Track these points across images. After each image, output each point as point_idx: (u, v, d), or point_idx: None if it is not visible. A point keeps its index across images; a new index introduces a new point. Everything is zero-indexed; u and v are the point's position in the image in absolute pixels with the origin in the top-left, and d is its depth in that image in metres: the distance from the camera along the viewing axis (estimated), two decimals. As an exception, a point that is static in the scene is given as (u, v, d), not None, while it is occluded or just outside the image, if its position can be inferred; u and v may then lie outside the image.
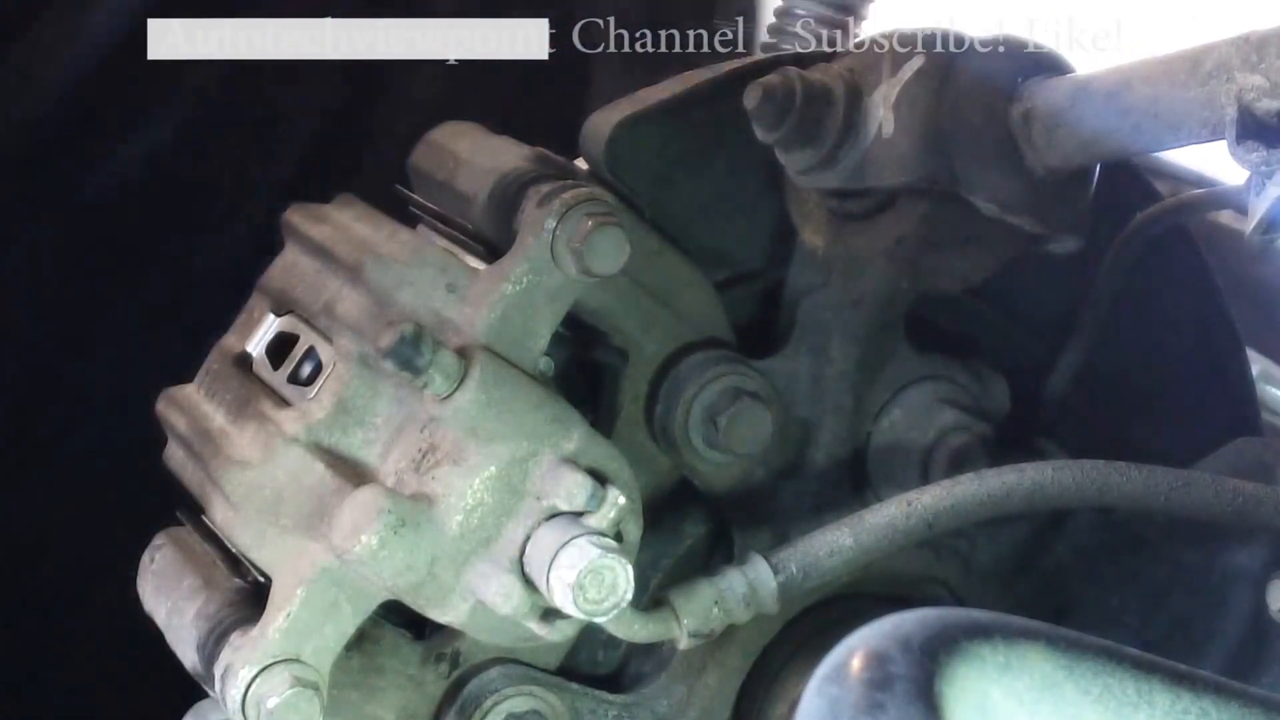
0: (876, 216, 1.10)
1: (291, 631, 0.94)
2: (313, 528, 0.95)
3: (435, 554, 0.93)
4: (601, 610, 0.91)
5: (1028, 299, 1.24)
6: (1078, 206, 1.04)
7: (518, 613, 0.94)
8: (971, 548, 1.21)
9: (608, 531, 0.93)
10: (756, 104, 1.03)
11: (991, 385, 1.19)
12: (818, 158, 1.05)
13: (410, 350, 0.90)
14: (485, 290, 0.96)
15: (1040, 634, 0.61)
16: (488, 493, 0.93)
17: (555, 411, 0.96)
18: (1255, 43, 0.82)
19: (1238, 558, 1.10)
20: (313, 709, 0.93)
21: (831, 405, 1.14)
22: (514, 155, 1.06)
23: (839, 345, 1.12)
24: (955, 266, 1.10)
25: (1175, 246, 1.26)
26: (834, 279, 1.12)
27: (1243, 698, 0.63)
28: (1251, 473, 1.06)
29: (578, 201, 0.96)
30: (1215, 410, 1.32)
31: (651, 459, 1.11)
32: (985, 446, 1.16)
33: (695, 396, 1.08)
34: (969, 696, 0.58)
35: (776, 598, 1.01)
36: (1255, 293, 1.58)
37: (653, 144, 1.09)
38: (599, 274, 0.96)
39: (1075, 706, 0.60)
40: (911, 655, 0.57)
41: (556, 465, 0.94)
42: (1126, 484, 0.99)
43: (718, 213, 1.13)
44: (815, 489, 1.15)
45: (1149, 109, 0.90)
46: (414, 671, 1.07)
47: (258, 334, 1.10)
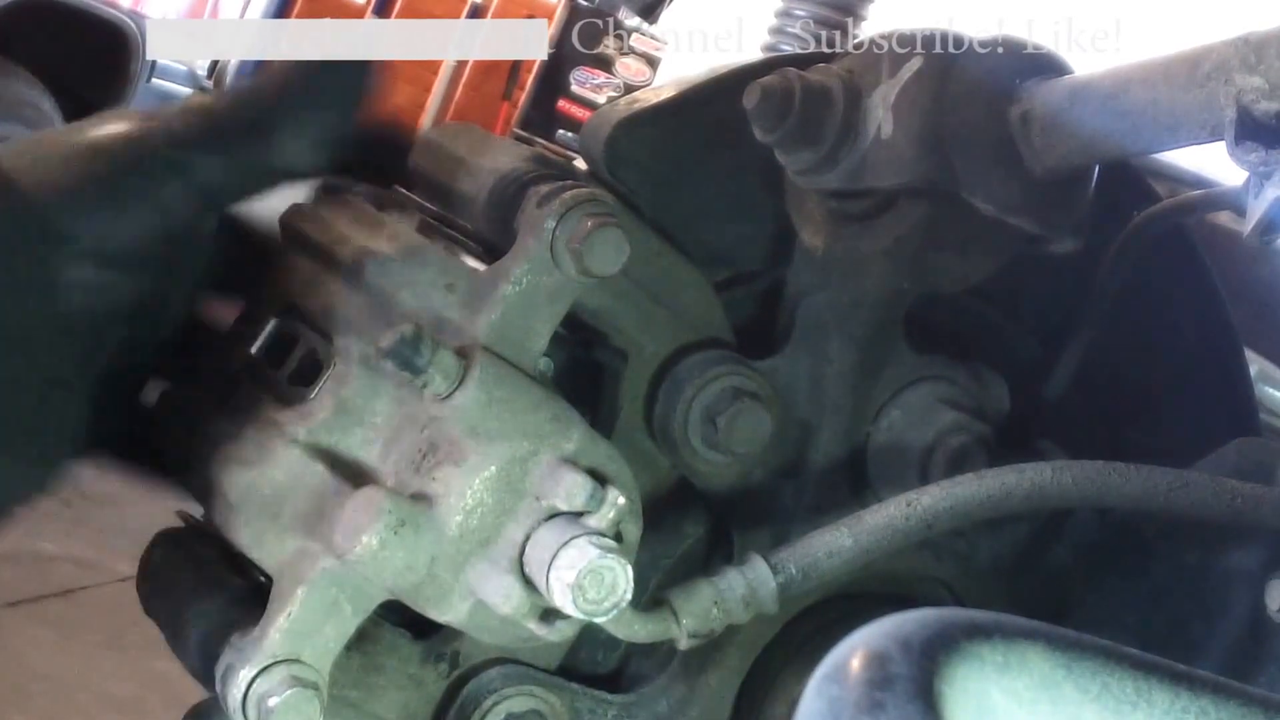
0: (876, 217, 1.10)
1: (291, 632, 0.94)
2: (313, 528, 0.95)
3: (435, 554, 0.93)
4: (601, 610, 0.91)
5: (1027, 299, 1.25)
6: (1077, 207, 1.04)
7: (517, 613, 0.94)
8: (971, 548, 1.21)
9: (607, 532, 0.93)
10: (756, 104, 1.03)
11: (991, 386, 1.20)
12: (817, 158, 1.05)
13: (410, 350, 0.90)
14: (485, 291, 0.97)
15: (1039, 634, 0.61)
16: (487, 493, 0.93)
17: (555, 411, 0.96)
18: (1254, 44, 0.83)
19: (1236, 558, 1.10)
20: (313, 709, 0.93)
21: (831, 406, 1.14)
22: (513, 155, 1.06)
23: (838, 346, 1.13)
24: (955, 267, 1.11)
25: (1174, 247, 1.26)
26: (834, 280, 1.12)
27: (1242, 697, 0.63)
28: (1250, 473, 1.06)
29: (577, 202, 0.96)
30: (1214, 411, 1.32)
31: (651, 459, 1.11)
32: (984, 447, 1.16)
33: (695, 397, 1.08)
34: (968, 696, 0.58)
35: (776, 598, 1.01)
36: (1253, 293, 1.58)
37: (652, 144, 1.10)
38: (599, 274, 0.96)
39: (1074, 705, 0.60)
40: (911, 655, 0.57)
41: (556, 465, 0.94)
42: (1126, 484, 0.99)
43: (717, 213, 1.13)
44: (814, 489, 1.15)
45: (1148, 110, 0.90)
46: (414, 671, 1.07)
47: (258, 334, 1.10)
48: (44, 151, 0.96)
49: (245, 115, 0.99)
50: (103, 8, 4.14)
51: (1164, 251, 1.25)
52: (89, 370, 0.95)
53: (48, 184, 0.93)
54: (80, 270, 0.94)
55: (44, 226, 0.92)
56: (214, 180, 0.98)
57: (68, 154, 0.96)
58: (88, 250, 0.94)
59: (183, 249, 0.99)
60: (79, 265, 0.93)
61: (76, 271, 0.93)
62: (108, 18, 4.15)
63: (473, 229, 1.06)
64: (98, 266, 0.94)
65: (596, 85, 8.21)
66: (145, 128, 0.98)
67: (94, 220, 0.94)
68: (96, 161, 0.95)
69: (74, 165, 0.95)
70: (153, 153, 0.97)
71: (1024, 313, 1.26)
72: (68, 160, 0.95)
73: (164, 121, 0.98)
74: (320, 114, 1.00)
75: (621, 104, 1.12)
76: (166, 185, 0.96)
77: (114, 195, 0.95)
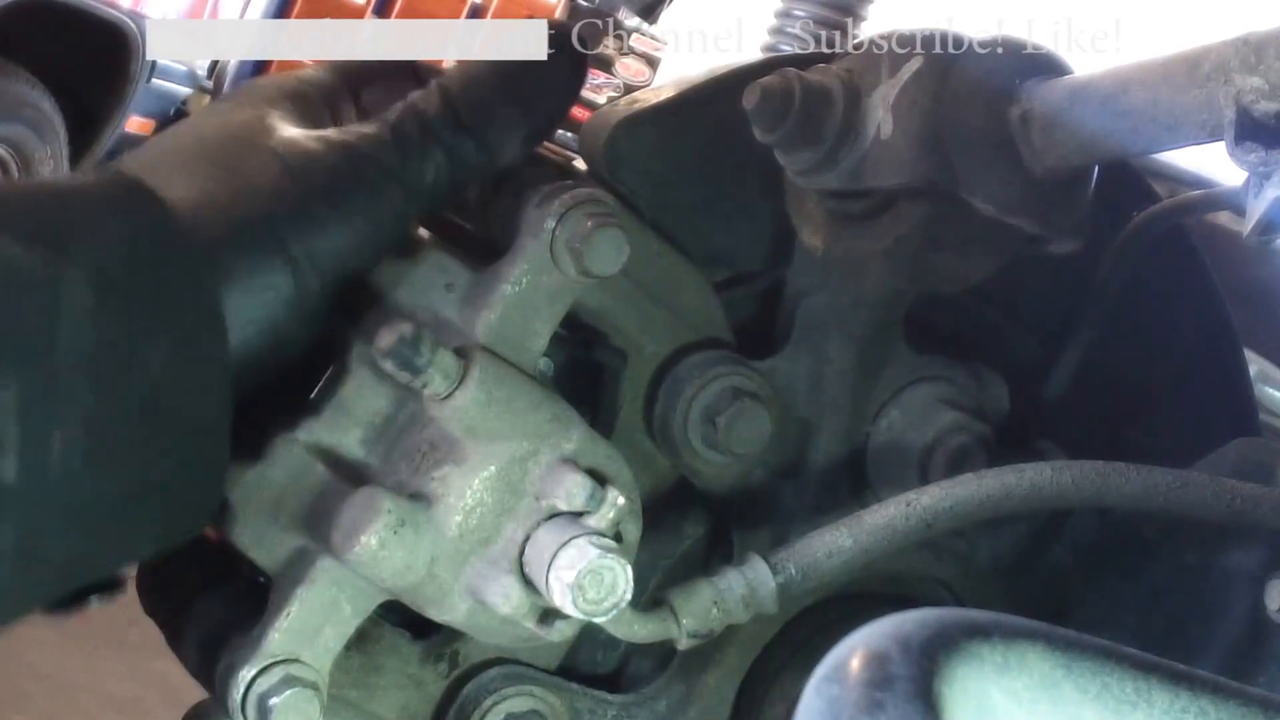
0: (876, 217, 1.10)
1: (291, 632, 0.94)
2: (312, 528, 0.95)
3: (435, 554, 0.93)
4: (601, 610, 0.91)
5: (1027, 300, 1.25)
6: (1076, 207, 1.04)
7: (517, 613, 0.94)
8: (971, 548, 1.21)
9: (607, 532, 0.93)
10: (755, 105, 1.03)
11: (991, 386, 1.20)
12: (817, 158, 1.05)
13: (409, 350, 0.90)
14: (484, 291, 0.97)
15: (1039, 633, 0.61)
16: (487, 493, 0.93)
17: (555, 411, 0.96)
18: (1254, 44, 0.82)
19: (1236, 558, 1.10)
20: (313, 709, 0.93)
21: (830, 406, 1.14)
22: None
23: (838, 346, 1.13)
24: (954, 267, 1.11)
25: (1174, 247, 1.26)
26: (833, 280, 1.12)
27: (1241, 697, 0.63)
28: (1250, 473, 1.06)
29: (577, 202, 0.96)
30: (1214, 411, 1.32)
31: (651, 459, 1.11)
32: (984, 447, 1.16)
33: (694, 397, 1.08)
34: (968, 696, 0.58)
35: (775, 598, 1.01)
36: (1253, 293, 1.59)
37: (652, 144, 1.10)
38: (598, 275, 0.96)
39: (1074, 705, 0.60)
40: (911, 655, 0.57)
41: (556, 465, 0.94)
42: (1126, 485, 0.99)
43: (717, 213, 1.13)
44: (814, 489, 1.15)
45: (1147, 110, 0.90)
46: (414, 671, 1.07)
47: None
48: (217, 169, 0.92)
49: (463, 112, 0.97)
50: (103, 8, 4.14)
51: (1164, 252, 1.25)
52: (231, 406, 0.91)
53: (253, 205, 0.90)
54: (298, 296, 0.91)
55: (213, 264, 0.88)
56: (434, 180, 0.96)
57: (261, 166, 0.92)
58: (305, 271, 0.91)
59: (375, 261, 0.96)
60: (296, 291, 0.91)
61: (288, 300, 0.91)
62: (108, 18, 4.15)
63: (472, 229, 1.06)
64: (317, 288, 0.92)
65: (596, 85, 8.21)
66: (359, 134, 0.95)
67: (319, 238, 0.92)
68: (312, 175, 0.93)
69: (287, 183, 0.92)
70: (371, 159, 0.94)
71: (1024, 313, 1.26)
72: (271, 176, 0.92)
73: (379, 124, 0.96)
74: (536, 105, 0.99)
75: (621, 104, 1.12)
76: (389, 191, 0.94)
77: (338, 208, 0.92)
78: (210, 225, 0.89)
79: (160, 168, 0.93)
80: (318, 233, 0.92)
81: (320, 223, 0.92)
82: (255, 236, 0.90)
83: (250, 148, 0.94)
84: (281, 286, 0.91)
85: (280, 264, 0.91)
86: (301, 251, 0.91)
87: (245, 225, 0.90)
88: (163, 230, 0.87)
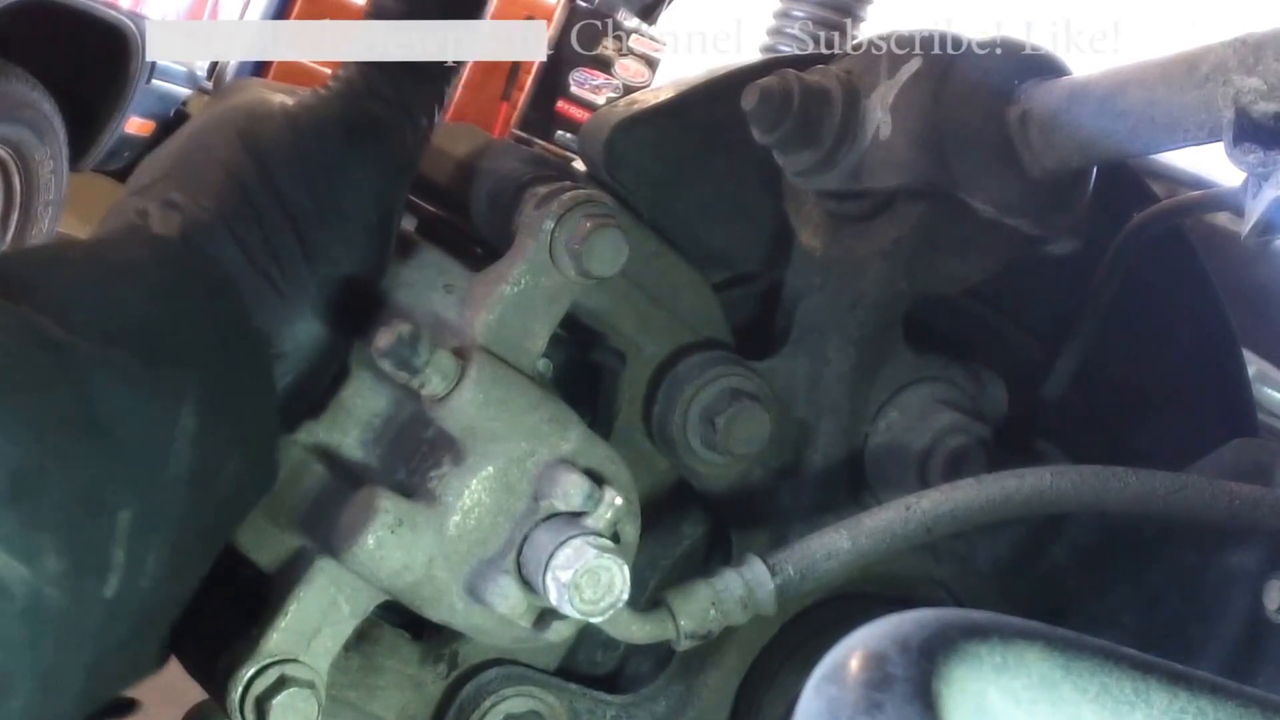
0: (874, 218, 1.10)
1: (289, 632, 0.94)
2: (312, 528, 0.96)
3: (433, 554, 0.93)
4: (598, 610, 0.91)
5: (1025, 301, 1.25)
6: (1075, 208, 1.04)
7: (514, 613, 0.94)
8: (970, 549, 1.21)
9: (604, 532, 0.93)
10: (754, 105, 1.03)
11: (989, 387, 1.20)
12: (815, 159, 1.05)
13: (407, 351, 0.90)
14: (483, 291, 0.97)
15: (1037, 634, 0.61)
16: (485, 493, 0.93)
17: (553, 412, 0.96)
18: (1252, 45, 0.82)
19: (1234, 559, 1.10)
20: (311, 709, 0.93)
21: (829, 406, 1.14)
22: (512, 157, 1.06)
23: (837, 346, 1.13)
24: (953, 268, 1.11)
25: (1172, 248, 1.26)
26: (832, 280, 1.12)
27: (1240, 697, 0.63)
28: (1248, 473, 1.06)
29: (576, 203, 0.96)
30: (1212, 411, 1.32)
31: (649, 460, 1.11)
32: (983, 448, 1.16)
33: (693, 397, 1.08)
34: (967, 696, 0.58)
35: (774, 599, 1.01)
36: (1251, 294, 1.58)
37: (651, 146, 1.10)
38: (597, 275, 0.96)
39: (1073, 706, 0.60)
40: (909, 655, 0.57)
41: (554, 466, 0.94)
42: (1125, 489, 0.99)
43: (716, 214, 1.13)
44: (813, 490, 1.15)
45: (1146, 111, 0.90)
46: (413, 671, 1.07)
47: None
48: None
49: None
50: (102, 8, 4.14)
51: (1162, 252, 1.25)
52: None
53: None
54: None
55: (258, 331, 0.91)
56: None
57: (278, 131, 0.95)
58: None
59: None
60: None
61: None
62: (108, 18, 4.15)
63: (471, 230, 1.06)
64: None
65: (595, 86, 8.20)
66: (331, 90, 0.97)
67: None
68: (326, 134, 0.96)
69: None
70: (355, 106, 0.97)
71: (1022, 314, 1.26)
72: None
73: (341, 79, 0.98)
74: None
75: (620, 105, 1.12)
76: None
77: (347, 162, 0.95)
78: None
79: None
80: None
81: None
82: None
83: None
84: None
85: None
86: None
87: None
88: (245, 339, 0.90)
